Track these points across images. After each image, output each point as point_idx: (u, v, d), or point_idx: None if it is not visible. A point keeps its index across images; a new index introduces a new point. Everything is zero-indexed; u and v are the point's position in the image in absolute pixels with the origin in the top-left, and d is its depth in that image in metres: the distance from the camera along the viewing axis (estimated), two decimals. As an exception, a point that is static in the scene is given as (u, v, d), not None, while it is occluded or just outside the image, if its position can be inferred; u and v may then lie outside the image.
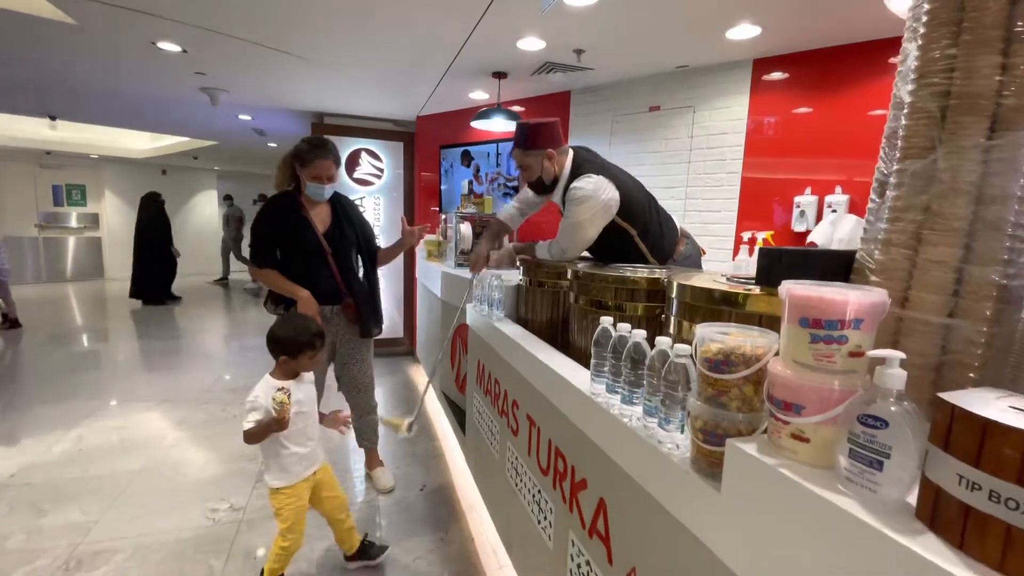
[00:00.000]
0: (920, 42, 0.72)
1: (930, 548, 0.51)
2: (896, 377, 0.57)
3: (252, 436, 1.62)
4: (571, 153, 2.00)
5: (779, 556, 0.65)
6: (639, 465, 0.98)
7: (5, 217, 8.69)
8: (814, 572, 0.61)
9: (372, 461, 2.56)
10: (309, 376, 1.82)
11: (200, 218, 10.95)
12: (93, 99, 4.46)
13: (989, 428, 0.49)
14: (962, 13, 0.68)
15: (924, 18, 0.71)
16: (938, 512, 0.54)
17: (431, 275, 3.52)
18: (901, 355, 0.58)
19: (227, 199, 9.69)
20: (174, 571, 1.89)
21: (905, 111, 0.73)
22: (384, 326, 2.51)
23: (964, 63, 0.67)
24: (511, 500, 1.75)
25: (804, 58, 2.62)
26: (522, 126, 1.97)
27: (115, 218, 9.87)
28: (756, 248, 2.46)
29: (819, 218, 2.49)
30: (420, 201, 4.95)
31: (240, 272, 9.88)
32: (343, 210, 2.26)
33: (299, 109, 4.68)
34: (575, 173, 1.93)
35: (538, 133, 1.95)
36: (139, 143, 8.81)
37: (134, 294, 7.18)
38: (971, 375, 0.69)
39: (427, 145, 4.72)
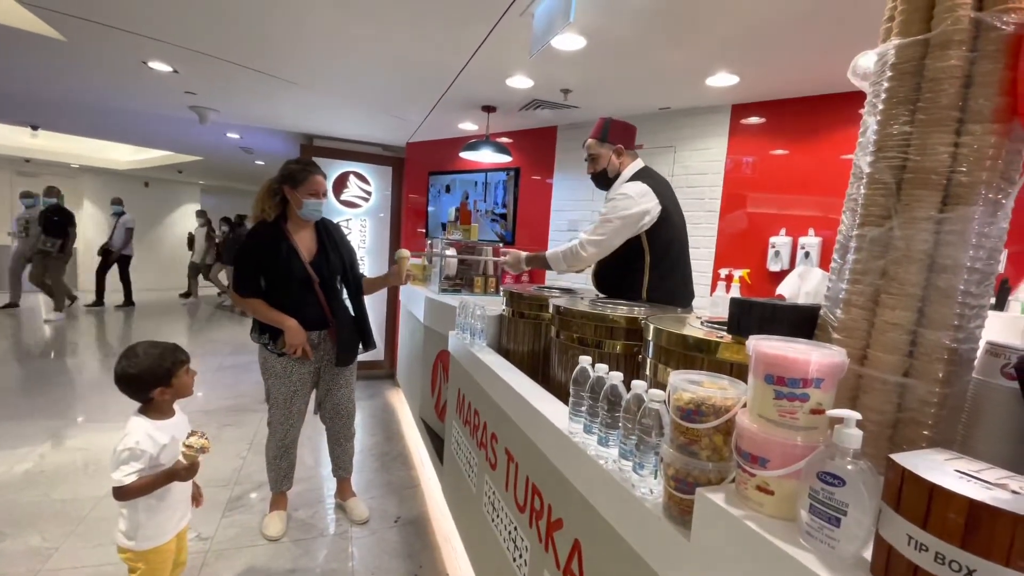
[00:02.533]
0: (879, 117, 0.77)
1: (883, 606, 0.53)
2: (853, 437, 0.60)
3: (137, 490, 1.36)
4: (638, 162, 2.11)
5: (744, 607, 0.67)
6: (614, 508, 0.99)
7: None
8: (776, 625, 0.63)
9: (345, 491, 2.51)
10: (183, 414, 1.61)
11: (181, 231, 10.80)
12: (79, 111, 4.43)
13: (935, 492, 0.52)
14: (918, 93, 0.73)
15: (883, 95, 0.77)
16: (890, 570, 0.56)
17: (415, 300, 3.52)
18: (857, 416, 0.61)
19: (225, 221, 9.44)
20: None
21: (864, 180, 0.78)
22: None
23: (919, 140, 0.72)
24: (487, 535, 1.74)
25: (780, 105, 2.75)
26: (606, 120, 2.10)
27: (92, 229, 9.68)
28: (732, 285, 2.54)
29: (793, 258, 2.58)
30: (407, 225, 4.98)
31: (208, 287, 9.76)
32: (328, 235, 2.26)
33: (289, 130, 4.71)
34: (633, 179, 2.03)
35: (617, 129, 2.09)
36: (122, 154, 8.73)
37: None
38: (925, 432, 0.72)
39: (416, 171, 4.77)
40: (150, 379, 1.45)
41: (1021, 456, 0.72)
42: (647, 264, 2.02)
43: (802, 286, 1.47)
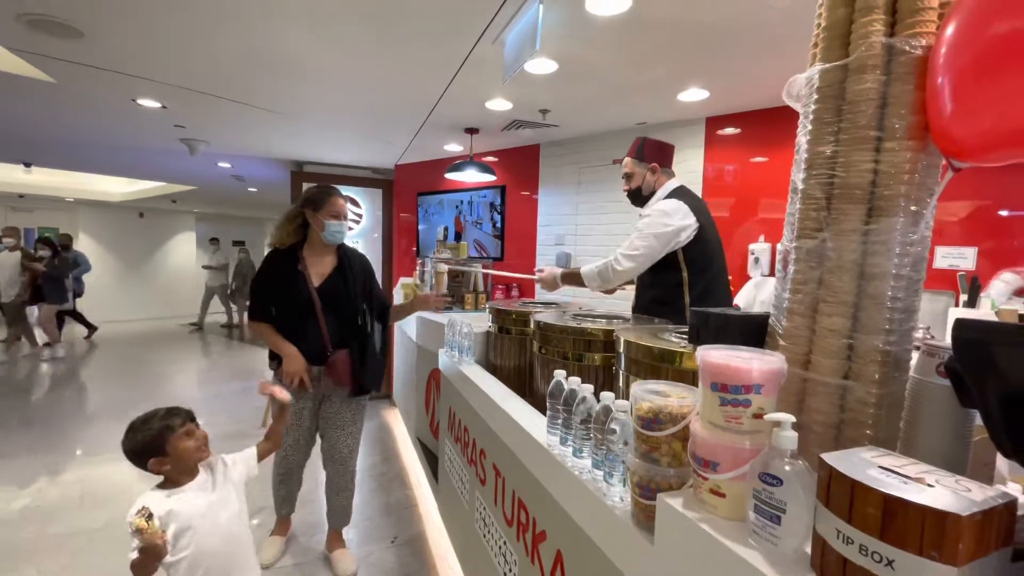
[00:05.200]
0: (808, 137, 0.83)
1: (819, 597, 0.57)
2: (788, 439, 0.64)
3: (137, 570, 1.25)
4: (674, 180, 2.12)
5: (700, 606, 0.71)
6: (588, 517, 1.02)
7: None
8: (728, 621, 0.66)
9: (334, 541, 2.33)
10: (231, 461, 1.53)
11: (176, 260, 10.86)
12: (70, 148, 4.51)
13: (856, 488, 0.56)
14: (841, 114, 0.79)
15: (811, 116, 0.83)
16: (824, 563, 0.60)
17: (407, 319, 3.56)
18: (792, 418, 0.65)
19: (235, 244, 9.48)
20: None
21: (799, 196, 0.83)
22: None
23: (844, 157, 0.78)
24: (480, 551, 1.76)
25: (753, 116, 2.83)
26: (643, 139, 2.12)
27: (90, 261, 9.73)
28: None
29: (772, 264, 2.63)
30: (398, 245, 5.04)
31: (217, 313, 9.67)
32: (348, 262, 2.22)
33: (279, 158, 4.78)
34: (670, 196, 2.03)
35: (653, 148, 2.11)
36: (116, 186, 8.80)
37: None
38: (867, 432, 0.76)
39: (405, 192, 4.85)
40: (143, 454, 1.35)
41: (958, 450, 0.76)
42: (685, 282, 1.99)
43: (757, 295, 1.52)
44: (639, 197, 2.15)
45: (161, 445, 1.36)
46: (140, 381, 5.53)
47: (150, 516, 1.25)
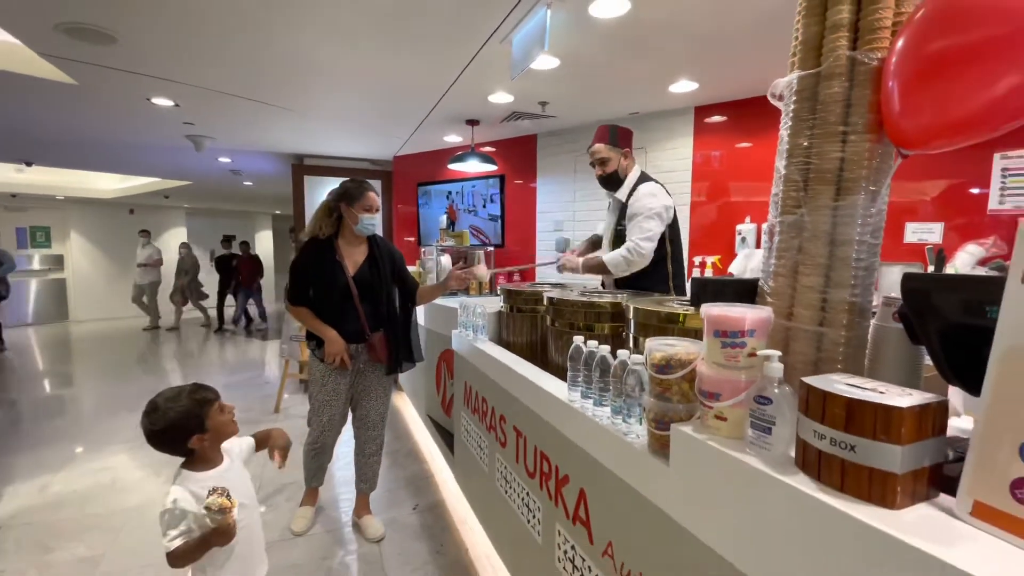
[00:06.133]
0: (789, 131, 1.01)
1: (800, 482, 0.76)
2: (776, 368, 0.83)
3: (184, 557, 1.23)
4: (637, 165, 2.32)
5: (710, 503, 0.90)
6: (610, 455, 1.21)
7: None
8: (732, 508, 0.85)
9: (362, 508, 2.51)
10: (238, 446, 1.50)
11: (167, 257, 10.84)
12: (75, 146, 4.57)
13: (827, 397, 0.75)
14: (815, 113, 0.97)
15: (791, 114, 1.01)
16: (806, 458, 0.79)
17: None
18: (779, 353, 0.84)
19: (225, 239, 8.68)
20: (185, 595, 2.00)
21: (782, 179, 1.01)
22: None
23: (817, 148, 0.96)
24: (501, 507, 1.95)
25: (739, 105, 3.01)
26: (612, 126, 2.26)
27: (81, 259, 9.74)
28: (705, 271, 2.78)
29: (758, 242, 2.83)
30: (398, 235, 5.17)
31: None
32: (379, 250, 2.38)
33: (280, 152, 4.88)
34: (641, 180, 2.25)
35: (625, 135, 2.27)
36: (108, 183, 8.80)
37: None
38: (839, 367, 0.96)
39: (404, 182, 4.98)
40: (180, 430, 1.31)
41: (912, 380, 0.96)
42: (669, 257, 2.24)
43: (748, 264, 1.72)
44: (614, 181, 2.31)
45: (200, 420, 1.32)
46: (142, 375, 5.63)
47: (228, 495, 1.23)
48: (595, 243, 2.67)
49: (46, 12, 1.80)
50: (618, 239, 2.35)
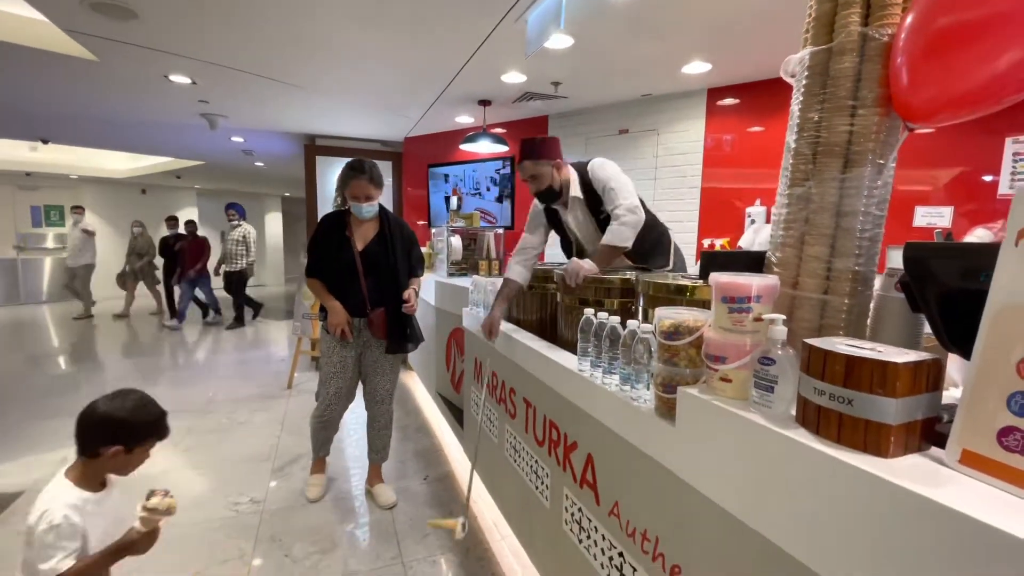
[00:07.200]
0: (800, 106, 1.04)
1: (800, 435, 0.81)
2: (779, 331, 0.87)
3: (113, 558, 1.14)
4: (569, 167, 2.23)
5: (713, 459, 0.95)
6: (618, 420, 1.27)
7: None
8: (735, 463, 0.90)
9: (374, 477, 2.60)
10: (119, 487, 1.34)
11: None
12: (91, 124, 4.63)
13: (828, 356, 0.79)
14: (825, 87, 1.00)
15: (802, 89, 1.04)
16: (806, 414, 0.83)
17: (424, 285, 3.77)
18: (783, 317, 0.88)
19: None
20: (209, 554, 2.09)
21: (791, 153, 1.05)
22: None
23: (826, 122, 0.99)
24: (510, 475, 2.02)
25: (752, 87, 3.01)
26: (531, 140, 2.15)
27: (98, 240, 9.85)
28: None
29: (768, 222, 2.86)
30: (408, 215, 5.22)
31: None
32: (390, 229, 2.41)
33: (292, 131, 4.92)
34: (580, 172, 2.15)
35: (547, 146, 2.15)
36: (120, 163, 8.88)
37: None
38: (840, 332, 1.00)
39: (415, 164, 5.00)
40: (123, 431, 1.24)
41: (908, 345, 1.00)
42: (667, 232, 2.24)
43: (756, 238, 1.75)
44: (552, 194, 2.18)
45: (138, 439, 1.26)
46: (149, 351, 5.75)
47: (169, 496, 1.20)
48: (511, 295, 2.28)
49: (71, -13, 1.85)
50: (604, 228, 2.10)
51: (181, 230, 7.10)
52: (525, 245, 2.34)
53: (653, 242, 2.23)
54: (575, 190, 2.21)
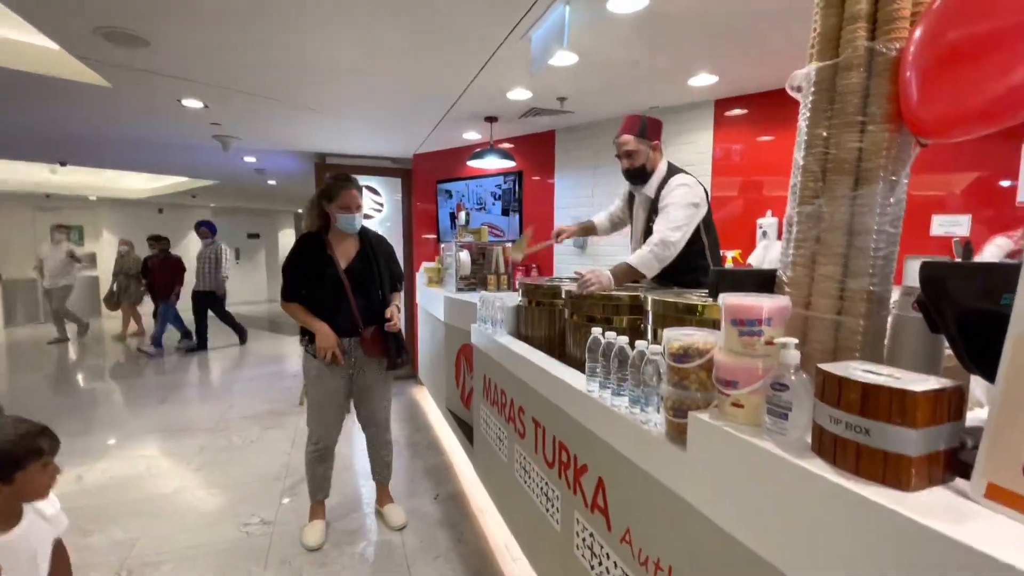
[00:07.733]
0: (807, 122, 1.02)
1: (816, 465, 0.78)
2: (792, 356, 0.84)
3: None
4: (665, 158, 2.23)
5: (727, 488, 0.92)
6: (628, 443, 1.24)
7: (6, 260, 8.87)
8: (749, 492, 0.87)
9: (383, 497, 2.57)
10: (53, 510, 1.24)
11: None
12: (108, 147, 4.74)
13: (843, 382, 0.76)
14: (833, 103, 0.98)
15: (810, 105, 1.02)
16: (822, 443, 0.80)
17: (433, 300, 3.78)
18: (795, 341, 0.85)
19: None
20: (218, 577, 2.08)
21: (800, 170, 1.02)
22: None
23: (835, 138, 0.97)
24: (520, 496, 1.99)
25: (760, 97, 2.98)
26: (642, 117, 2.17)
27: (113, 257, 10.04)
28: (726, 266, 2.77)
29: (780, 236, 2.81)
30: (418, 232, 5.24)
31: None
32: (370, 246, 2.38)
33: (303, 151, 4.98)
34: (671, 173, 2.16)
35: (655, 126, 2.17)
36: (138, 183, 9.06)
37: None
38: (856, 355, 0.96)
39: (424, 180, 5.04)
40: None
41: (928, 367, 0.96)
42: (707, 249, 2.16)
43: (766, 255, 1.71)
44: (641, 174, 2.19)
45: (13, 468, 1.09)
46: (165, 371, 5.81)
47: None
48: (587, 228, 2.54)
49: (85, 17, 1.89)
50: (648, 236, 2.13)
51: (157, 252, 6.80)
52: (616, 210, 2.54)
53: (690, 269, 2.11)
54: (653, 185, 2.19)
